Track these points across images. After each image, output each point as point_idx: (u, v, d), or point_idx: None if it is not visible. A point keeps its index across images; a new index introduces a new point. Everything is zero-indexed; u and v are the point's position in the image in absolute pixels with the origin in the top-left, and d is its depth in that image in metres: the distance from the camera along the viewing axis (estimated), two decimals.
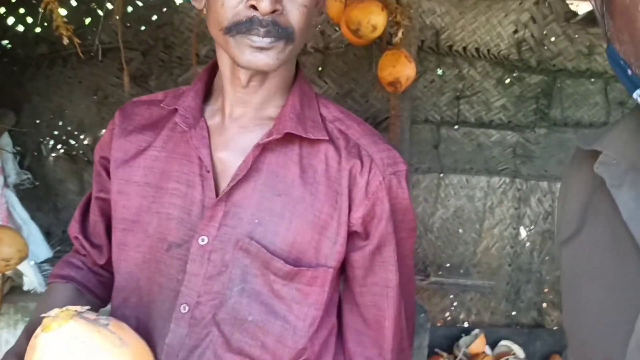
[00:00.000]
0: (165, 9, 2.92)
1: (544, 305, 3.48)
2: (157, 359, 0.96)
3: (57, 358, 0.81)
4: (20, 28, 2.84)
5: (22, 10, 2.81)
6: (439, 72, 3.17)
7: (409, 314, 1.10)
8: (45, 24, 2.72)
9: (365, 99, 3.14)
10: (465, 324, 3.47)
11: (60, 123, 3.02)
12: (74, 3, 2.83)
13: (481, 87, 3.22)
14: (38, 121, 3.00)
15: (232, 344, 0.98)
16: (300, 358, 1.01)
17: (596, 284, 0.76)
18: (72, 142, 3.05)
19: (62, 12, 2.24)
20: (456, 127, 3.25)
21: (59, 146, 3.05)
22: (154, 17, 2.92)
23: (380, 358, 1.07)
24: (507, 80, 3.24)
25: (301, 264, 0.97)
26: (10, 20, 2.81)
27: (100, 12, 2.82)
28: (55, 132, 3.04)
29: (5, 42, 2.85)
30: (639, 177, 0.71)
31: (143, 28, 2.93)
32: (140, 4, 2.87)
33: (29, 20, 2.84)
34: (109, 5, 2.81)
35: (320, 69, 3.09)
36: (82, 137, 3.04)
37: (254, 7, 0.87)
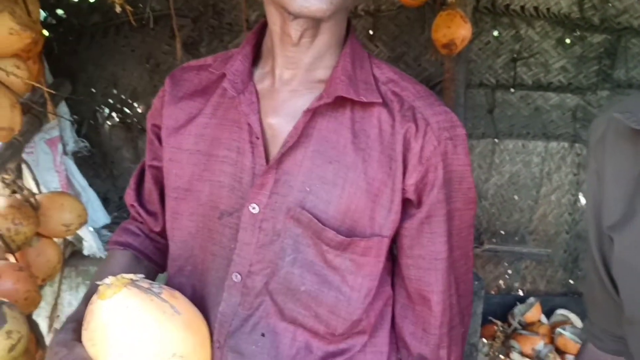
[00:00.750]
0: None
1: None
2: (210, 327, 0.97)
3: (111, 324, 0.82)
4: None
5: None
6: (495, 33, 3.06)
7: (463, 291, 1.04)
8: None
9: (417, 63, 3.06)
10: (520, 292, 3.41)
11: (115, 91, 3.07)
12: None
13: (539, 48, 3.09)
14: (93, 90, 3.05)
15: (285, 314, 0.97)
16: (355, 329, 0.99)
17: None
18: (127, 110, 3.10)
19: None
20: (512, 90, 3.14)
21: (113, 114, 3.10)
22: None
23: (425, 334, 1.02)
24: (568, 41, 3.09)
25: (355, 234, 0.94)
26: None
27: None
28: (110, 101, 3.08)
29: (60, 11, 2.89)
30: None
31: None
32: None
33: None
34: None
35: (371, 32, 3.03)
36: (135, 105, 3.09)
37: None
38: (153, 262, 1.16)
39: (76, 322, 0.91)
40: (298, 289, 0.96)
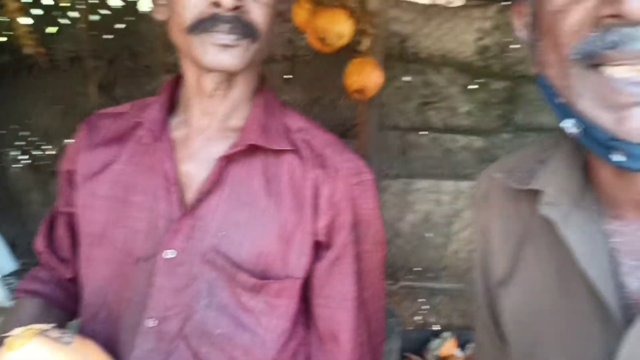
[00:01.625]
0: (131, 18, 2.90)
1: None
2: None
3: None
4: None
5: None
6: (406, 79, 3.21)
7: (374, 329, 1.08)
8: (9, 32, 2.69)
9: (333, 106, 3.16)
10: (436, 327, 3.51)
11: (25, 133, 2.98)
12: (39, 12, 2.80)
13: (447, 93, 3.27)
14: (2, 131, 2.95)
15: (200, 358, 0.98)
16: None
17: (551, 326, 0.75)
18: (37, 152, 3.01)
19: (28, 20, 2.21)
20: (423, 132, 3.29)
21: (23, 156, 3.00)
22: (120, 26, 2.89)
23: None
24: (472, 87, 3.29)
25: (268, 276, 0.97)
26: None
27: (64, 21, 2.79)
28: (19, 143, 2.99)
29: None
30: (585, 215, 0.70)
31: (109, 36, 2.90)
32: (105, 12, 2.85)
33: None
34: (74, 14, 2.79)
35: (288, 76, 3.11)
36: (47, 147, 3.00)
37: (216, 4, 0.88)
38: (64, 309, 1.14)
39: None
40: (213, 332, 0.97)
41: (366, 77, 2.35)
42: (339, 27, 2.25)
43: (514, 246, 0.82)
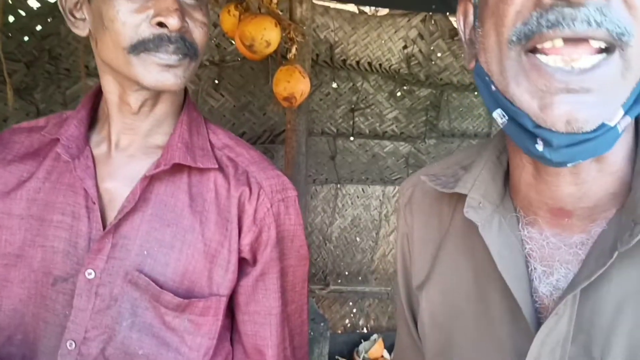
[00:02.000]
0: (50, 19, 2.79)
1: None
2: None
3: None
4: None
5: None
6: (334, 85, 3.26)
7: (298, 343, 1.09)
8: None
9: (262, 112, 3.16)
10: (365, 330, 3.57)
11: None
12: None
13: (374, 99, 3.34)
14: None
15: None
16: None
17: (469, 333, 0.78)
18: None
19: None
20: (352, 138, 3.35)
21: None
22: (39, 27, 2.78)
23: None
24: (399, 93, 3.38)
25: (193, 295, 0.96)
26: None
27: None
28: None
29: None
30: (504, 221, 0.74)
31: (27, 39, 2.78)
32: (23, 13, 2.73)
33: None
34: None
35: (216, 82, 3.08)
36: None
37: (160, 25, 0.87)
38: None
39: None
40: (136, 352, 0.95)
41: (294, 84, 2.36)
42: (266, 34, 2.25)
43: (434, 249, 0.85)
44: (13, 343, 0.98)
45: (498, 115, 0.67)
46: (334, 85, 3.26)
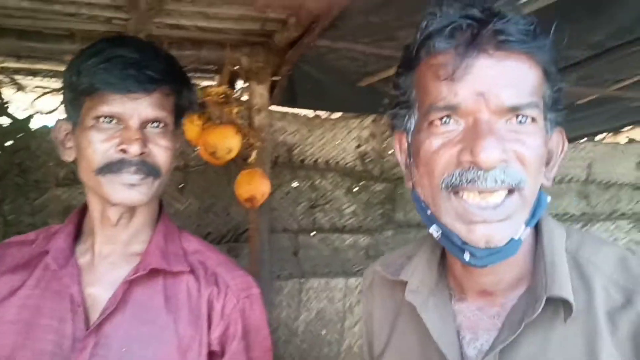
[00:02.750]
0: (20, 134, 2.94)
1: None
2: None
3: None
4: None
5: None
6: (294, 184, 3.44)
7: None
8: None
9: (226, 213, 3.29)
10: None
11: None
12: None
13: (333, 195, 3.52)
14: None
15: None
16: None
17: None
18: None
19: None
20: (313, 233, 3.49)
21: None
22: (9, 143, 2.92)
23: None
24: (355, 189, 3.57)
25: None
26: None
27: None
28: None
29: None
30: (438, 301, 0.94)
31: None
32: None
33: None
34: None
35: (181, 185, 3.23)
36: None
37: (123, 151, 1.04)
38: None
39: None
40: None
41: (255, 186, 2.52)
42: (228, 142, 2.43)
43: (389, 325, 1.04)
44: None
45: (434, 230, 0.87)
46: (294, 184, 3.43)
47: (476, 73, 0.78)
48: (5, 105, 2.88)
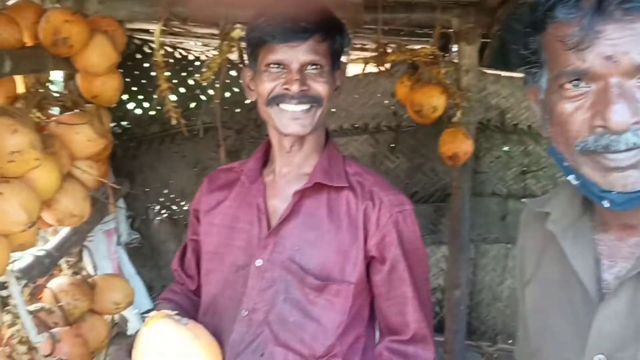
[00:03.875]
0: None
1: None
2: (224, 351, 1.29)
3: (150, 345, 1.17)
4: (138, 111, 3.37)
5: (140, 97, 3.35)
6: (505, 148, 3.40)
7: (428, 311, 1.40)
8: (158, 107, 3.23)
9: (434, 173, 3.40)
10: None
11: (166, 191, 3.48)
12: (182, 90, 3.35)
13: (547, 162, 3.39)
14: (147, 189, 3.47)
15: (279, 339, 1.30)
16: (330, 352, 1.31)
17: (556, 314, 1.02)
18: (175, 207, 3.50)
19: (173, 98, 2.68)
20: (523, 200, 3.42)
21: (163, 211, 3.50)
22: (247, 101, 3.36)
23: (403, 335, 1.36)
24: None
25: (329, 280, 1.30)
26: (130, 105, 3.34)
27: (203, 97, 3.32)
28: (161, 199, 3.50)
29: (125, 122, 3.38)
30: (578, 230, 1.00)
31: (238, 110, 3.38)
32: (236, 90, 3.34)
33: (145, 104, 3.36)
34: (211, 92, 3.30)
35: (392, 145, 3.41)
36: (182, 203, 3.48)
37: (287, 89, 1.28)
38: (186, 312, 1.50)
39: (130, 344, 1.25)
40: (288, 320, 1.30)
41: (458, 145, 2.59)
42: (433, 101, 2.53)
43: (537, 255, 1.11)
44: (207, 315, 1.40)
45: (572, 178, 0.93)
46: (505, 148, 3.39)
47: (603, 39, 0.80)
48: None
